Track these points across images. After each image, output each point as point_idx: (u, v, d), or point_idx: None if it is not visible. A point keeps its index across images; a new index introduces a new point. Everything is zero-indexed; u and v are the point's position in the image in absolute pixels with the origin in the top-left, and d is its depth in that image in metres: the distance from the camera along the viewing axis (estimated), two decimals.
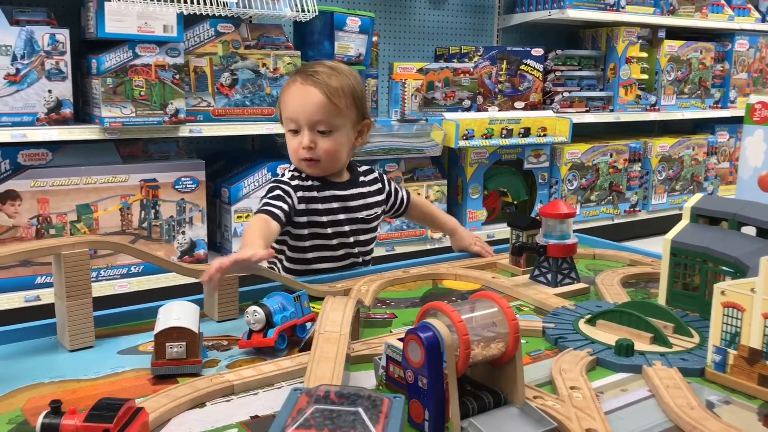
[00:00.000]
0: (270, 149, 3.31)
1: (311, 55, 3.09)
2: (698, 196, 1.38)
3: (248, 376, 1.01)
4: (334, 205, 1.60)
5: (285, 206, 1.51)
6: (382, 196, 1.71)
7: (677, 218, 1.37)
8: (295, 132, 1.55)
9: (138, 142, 2.81)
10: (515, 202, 3.79)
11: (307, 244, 1.60)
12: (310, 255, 1.62)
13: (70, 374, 1.04)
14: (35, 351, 1.14)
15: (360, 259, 1.68)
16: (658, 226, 4.13)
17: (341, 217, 1.61)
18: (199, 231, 2.85)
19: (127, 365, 1.08)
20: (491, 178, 3.64)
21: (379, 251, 3.24)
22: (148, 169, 2.73)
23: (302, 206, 1.57)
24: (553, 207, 1.45)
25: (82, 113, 2.74)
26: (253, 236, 1.38)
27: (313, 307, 1.33)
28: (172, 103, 2.66)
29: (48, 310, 1.16)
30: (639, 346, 1.12)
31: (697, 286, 1.29)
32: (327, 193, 1.60)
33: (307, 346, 1.10)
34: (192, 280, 1.32)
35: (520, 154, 3.68)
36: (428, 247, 3.40)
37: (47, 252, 1.11)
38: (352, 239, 1.64)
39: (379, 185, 1.72)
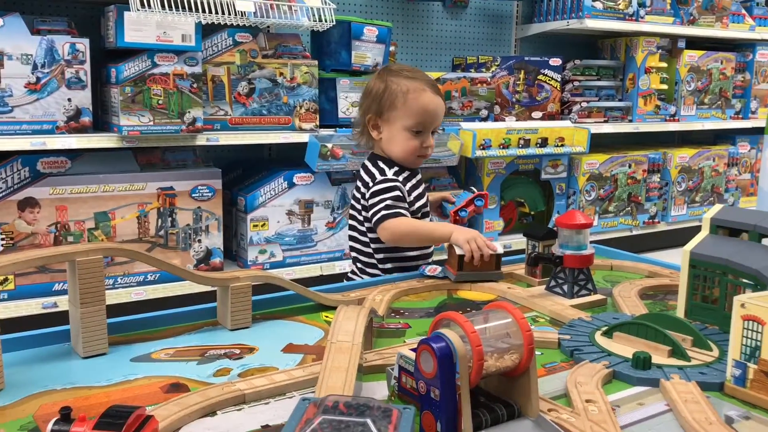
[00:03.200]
0: (286, 158, 3.32)
1: (328, 64, 3.10)
2: (718, 207, 1.36)
3: (260, 385, 1.00)
4: (422, 189, 1.85)
5: (406, 205, 1.75)
6: None
7: (697, 230, 1.35)
8: (418, 133, 1.74)
9: (156, 151, 2.83)
10: (532, 213, 3.77)
11: None
12: None
13: (83, 381, 1.04)
14: (48, 358, 1.14)
15: None
16: (678, 238, 4.08)
17: (425, 198, 1.85)
18: (215, 239, 2.86)
19: (139, 373, 1.08)
20: (508, 189, 3.62)
21: None
22: (165, 177, 2.74)
23: (409, 198, 1.78)
24: (570, 217, 1.43)
25: (101, 122, 2.76)
26: (434, 222, 1.77)
27: (326, 317, 1.33)
28: (189, 112, 2.68)
29: (65, 317, 1.16)
30: (656, 359, 1.10)
31: (716, 299, 1.26)
32: (418, 177, 1.84)
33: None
34: (207, 288, 1.32)
35: (538, 164, 3.66)
36: (444, 257, 3.37)
37: (62, 259, 1.11)
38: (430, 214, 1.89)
39: None
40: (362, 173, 1.81)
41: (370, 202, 1.73)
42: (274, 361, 1.12)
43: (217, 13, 2.65)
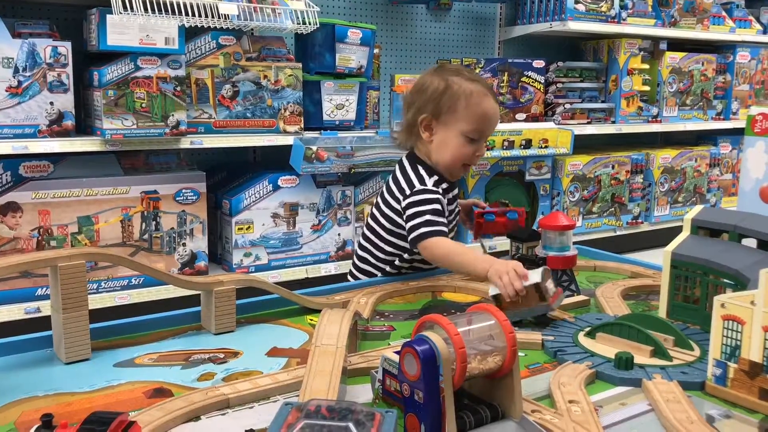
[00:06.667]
0: (271, 161, 3.31)
1: (312, 67, 3.10)
2: (698, 207, 1.37)
3: (244, 389, 1.00)
4: (456, 201, 1.77)
5: (445, 221, 1.62)
6: None
7: (680, 230, 1.36)
8: (473, 140, 1.63)
9: (139, 154, 2.81)
10: None
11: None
12: None
13: (65, 387, 1.04)
14: (31, 364, 1.13)
15: None
16: (661, 238, 4.10)
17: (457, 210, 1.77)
18: (199, 243, 2.84)
19: (123, 378, 1.07)
20: (493, 190, 3.63)
21: None
22: (149, 180, 2.73)
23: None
24: (553, 219, 1.44)
25: (84, 125, 2.74)
26: (476, 254, 1.52)
27: (311, 320, 1.33)
28: (173, 115, 2.66)
29: (48, 323, 1.16)
30: (639, 359, 1.11)
31: (697, 299, 1.28)
32: (455, 191, 1.75)
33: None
34: (191, 292, 1.31)
35: (522, 165, 3.68)
36: None
37: (44, 264, 1.10)
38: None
39: None
40: (398, 174, 1.70)
41: (408, 212, 1.60)
42: (258, 365, 1.12)
43: (200, 15, 2.64)
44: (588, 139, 4.12)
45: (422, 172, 1.65)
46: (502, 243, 1.63)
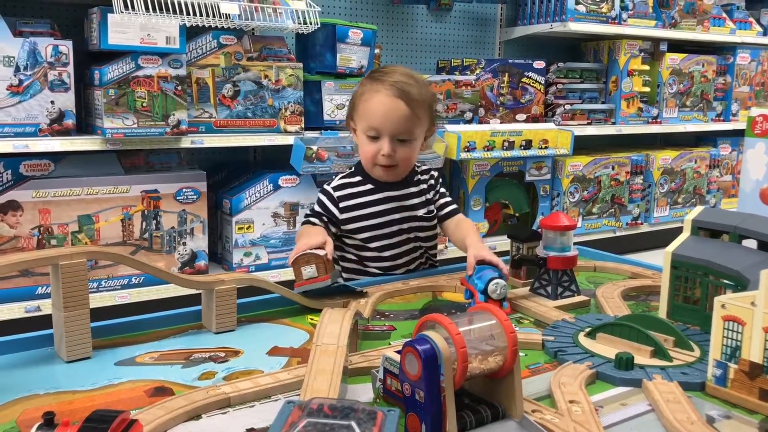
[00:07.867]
0: (272, 160, 3.31)
1: (313, 67, 3.10)
2: (699, 208, 1.37)
3: (245, 388, 1.00)
4: (391, 205, 1.69)
5: (324, 217, 1.66)
6: (429, 195, 1.75)
7: (679, 231, 1.36)
8: (374, 138, 1.61)
9: (140, 153, 2.81)
10: (517, 215, 3.79)
11: (372, 245, 1.69)
12: (371, 255, 1.70)
13: (67, 385, 1.04)
14: (32, 362, 1.13)
15: (424, 258, 1.77)
16: (661, 239, 4.11)
17: (396, 216, 1.69)
18: (200, 242, 2.85)
19: (124, 376, 1.07)
20: (493, 190, 3.63)
21: None
22: (150, 180, 2.73)
23: (351, 214, 1.67)
24: (554, 219, 1.45)
25: (85, 124, 2.74)
26: (308, 231, 1.55)
27: (312, 320, 1.33)
28: (174, 115, 2.67)
29: (48, 321, 1.16)
30: (639, 359, 1.11)
31: (698, 300, 1.28)
32: (382, 194, 1.68)
33: None
34: (192, 291, 1.31)
35: (522, 166, 3.68)
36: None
37: (45, 262, 1.10)
38: (413, 235, 1.71)
39: (431, 182, 1.76)
40: None
41: None
42: (259, 364, 1.12)
43: (201, 15, 2.65)
44: (588, 140, 4.12)
45: (345, 172, 1.74)
46: (504, 243, 1.63)
